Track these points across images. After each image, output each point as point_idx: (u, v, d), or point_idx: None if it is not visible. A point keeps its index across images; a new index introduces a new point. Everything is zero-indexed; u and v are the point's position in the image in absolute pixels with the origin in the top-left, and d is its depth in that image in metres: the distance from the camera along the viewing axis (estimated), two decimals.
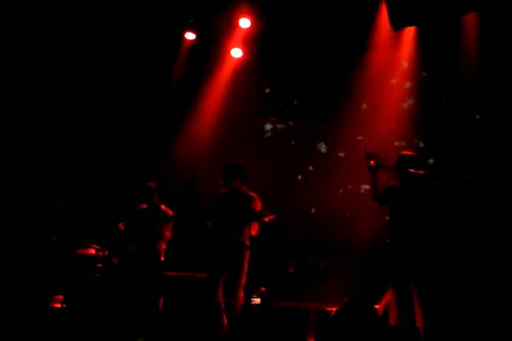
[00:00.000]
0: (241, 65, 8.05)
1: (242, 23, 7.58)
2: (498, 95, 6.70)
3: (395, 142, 7.29)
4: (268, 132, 8.39)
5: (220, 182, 5.23)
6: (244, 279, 5.10)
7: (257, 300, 5.84)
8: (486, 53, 6.72)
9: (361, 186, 7.33)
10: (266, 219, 5.07)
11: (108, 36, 7.52)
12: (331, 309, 5.09)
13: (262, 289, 6.20)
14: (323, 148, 7.98)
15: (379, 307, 5.08)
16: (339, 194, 7.66)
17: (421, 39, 7.16)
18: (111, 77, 7.77)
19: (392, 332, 3.83)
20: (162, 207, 5.73)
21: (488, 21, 6.67)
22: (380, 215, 5.62)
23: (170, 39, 7.96)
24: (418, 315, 4.33)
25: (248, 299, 5.44)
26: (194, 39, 7.96)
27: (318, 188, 7.74)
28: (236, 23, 7.62)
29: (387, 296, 4.85)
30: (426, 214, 4.59)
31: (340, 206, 7.54)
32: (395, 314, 4.41)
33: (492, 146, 6.67)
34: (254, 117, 8.26)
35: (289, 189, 7.86)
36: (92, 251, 6.02)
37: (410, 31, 7.27)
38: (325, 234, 7.31)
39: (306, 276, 6.55)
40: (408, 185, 4.67)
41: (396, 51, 7.36)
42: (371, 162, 4.74)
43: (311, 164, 7.96)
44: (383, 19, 7.22)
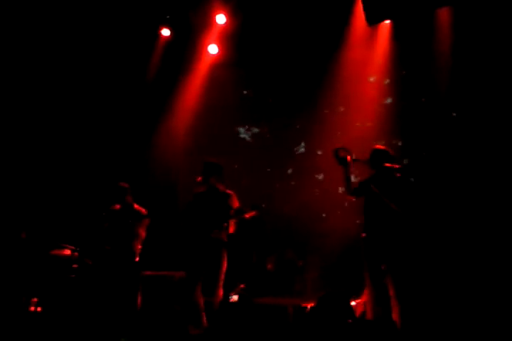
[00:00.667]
0: (217, 61, 8.00)
1: (219, 19, 7.54)
2: (472, 90, 6.77)
3: (373, 141, 7.31)
4: (245, 129, 8.35)
5: (198, 178, 5.20)
6: (222, 277, 5.09)
7: (235, 297, 5.83)
8: (460, 47, 6.78)
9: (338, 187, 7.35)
10: (247, 215, 5.07)
11: (82, 32, 7.40)
12: (307, 305, 5.10)
13: (241, 286, 6.19)
14: (301, 148, 7.97)
15: (360, 301, 5.10)
16: (316, 191, 7.66)
17: (396, 34, 7.20)
18: (84, 75, 7.65)
19: (368, 326, 3.85)
20: (135, 207, 5.69)
21: (460, 15, 6.73)
22: (356, 211, 5.65)
23: (145, 35, 7.87)
24: (394, 308, 4.36)
25: (226, 297, 5.41)
26: (170, 35, 7.89)
27: (295, 186, 7.75)
28: (212, 19, 7.57)
29: (367, 290, 4.87)
30: (401, 207, 4.61)
31: (316, 203, 7.56)
32: (372, 307, 4.43)
33: (467, 142, 6.74)
34: (231, 114, 8.22)
35: (267, 187, 7.85)
36: (68, 252, 5.92)
37: (385, 26, 7.30)
38: (302, 231, 7.33)
39: (285, 273, 6.55)
40: (383, 179, 4.70)
41: (371, 47, 7.38)
42: (341, 155, 4.76)
43: (288, 162, 7.95)
44: (359, 14, 7.23)
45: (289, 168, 7.89)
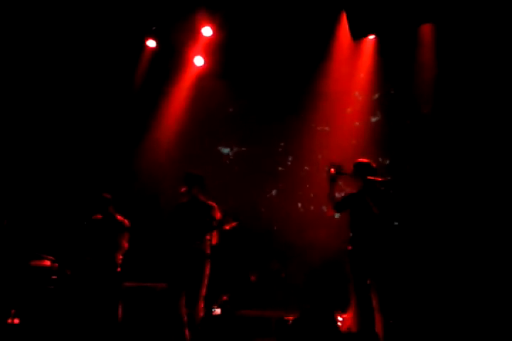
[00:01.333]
0: (203, 73, 8.03)
1: (205, 32, 7.59)
2: (456, 104, 6.89)
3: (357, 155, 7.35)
4: (232, 137, 8.35)
5: (182, 189, 5.19)
6: (204, 289, 5.04)
7: (218, 310, 5.76)
8: (442, 62, 6.92)
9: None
10: (227, 226, 5.05)
11: (68, 43, 7.38)
12: (290, 317, 5.06)
13: (224, 298, 6.13)
14: (288, 162, 7.99)
15: (347, 316, 5.08)
16: (300, 204, 7.68)
17: (380, 49, 7.32)
18: (70, 85, 7.61)
19: (352, 338, 3.84)
20: (118, 217, 5.63)
21: (442, 31, 6.88)
22: (341, 224, 5.66)
23: (131, 46, 7.88)
24: (378, 321, 4.35)
25: (209, 310, 5.36)
26: (156, 46, 7.91)
27: (280, 199, 7.75)
28: (198, 32, 7.61)
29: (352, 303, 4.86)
30: (386, 220, 4.64)
31: (300, 215, 7.58)
32: (356, 320, 4.42)
33: (451, 155, 6.84)
34: (215, 125, 8.23)
35: (252, 199, 7.83)
36: (47, 263, 5.81)
37: (369, 41, 7.42)
38: (286, 243, 7.32)
39: (269, 284, 6.51)
40: (367, 192, 4.72)
41: (356, 61, 7.49)
42: (331, 170, 4.79)
43: (273, 174, 7.95)
44: (343, 29, 7.34)
45: (274, 181, 7.88)
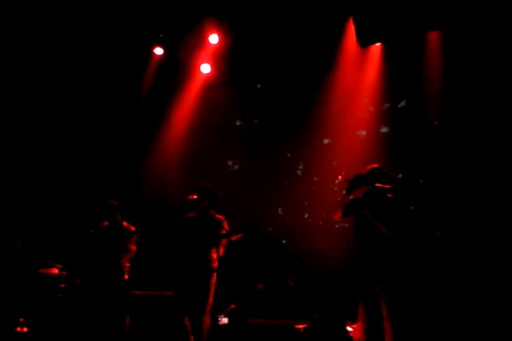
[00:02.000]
0: (210, 81, 8.05)
1: (211, 39, 7.62)
2: (463, 112, 6.86)
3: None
4: (238, 147, 8.33)
5: (191, 197, 5.21)
6: (211, 300, 5.06)
7: (225, 320, 5.76)
8: (450, 70, 6.91)
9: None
10: (233, 238, 5.07)
11: (75, 50, 7.43)
12: (300, 326, 5.04)
13: (232, 307, 6.12)
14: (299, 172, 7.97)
15: (357, 326, 5.05)
16: (308, 212, 7.65)
17: (387, 56, 7.31)
18: (77, 92, 7.65)
19: None
20: (124, 224, 5.64)
21: (450, 39, 6.87)
22: (349, 231, 5.64)
23: (138, 54, 7.92)
24: (386, 330, 4.33)
25: (215, 319, 5.36)
26: (163, 54, 7.94)
27: (287, 206, 7.73)
28: (205, 39, 7.64)
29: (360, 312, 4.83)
30: (391, 229, 4.61)
31: (309, 223, 7.57)
32: (364, 329, 4.39)
33: (457, 162, 6.81)
34: (224, 133, 8.24)
35: (259, 206, 7.81)
36: (55, 271, 5.83)
37: (376, 49, 7.41)
38: (294, 250, 7.30)
39: (276, 293, 6.49)
40: (374, 199, 4.71)
41: (363, 69, 7.48)
42: (339, 178, 4.77)
43: (280, 177, 7.94)
44: (351, 36, 7.35)
45: (281, 191, 7.86)
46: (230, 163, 8.19)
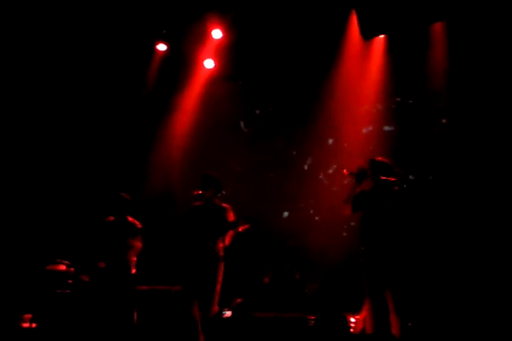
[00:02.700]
0: (214, 76, 8.04)
1: (215, 34, 7.60)
2: (469, 104, 6.81)
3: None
4: (242, 142, 8.33)
5: (196, 192, 5.21)
6: (218, 291, 5.07)
7: (228, 313, 5.77)
8: (455, 61, 6.85)
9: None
10: (240, 229, 5.07)
11: (78, 47, 7.44)
12: (309, 318, 5.05)
13: (238, 300, 6.13)
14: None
15: (360, 317, 5.05)
16: (314, 204, 7.64)
17: (390, 48, 7.26)
18: (81, 88, 7.66)
19: (368, 340, 3.81)
20: (129, 219, 5.64)
21: (454, 30, 6.81)
22: (354, 224, 5.64)
23: (142, 50, 7.91)
24: (394, 322, 4.32)
25: (219, 312, 5.38)
26: (166, 50, 7.93)
27: (294, 198, 7.72)
28: (208, 34, 7.63)
29: (366, 306, 4.83)
30: (398, 219, 4.60)
31: (316, 216, 7.57)
32: (371, 321, 4.39)
33: (462, 154, 6.76)
34: (227, 127, 8.23)
35: (265, 199, 7.81)
36: (63, 267, 5.86)
37: (380, 41, 7.36)
38: (300, 243, 7.30)
39: (282, 286, 6.50)
40: (380, 191, 4.69)
41: (366, 61, 7.43)
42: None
43: (285, 172, 7.92)
44: (354, 28, 7.30)
45: (289, 182, 7.84)
46: (234, 160, 8.18)
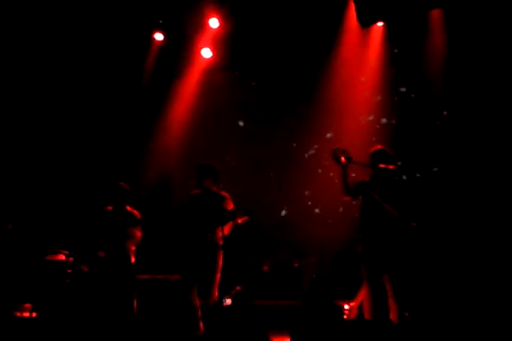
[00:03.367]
0: (211, 65, 8.00)
1: (212, 23, 7.56)
2: (467, 91, 6.79)
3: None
4: (239, 131, 8.32)
5: (193, 182, 5.21)
6: (218, 279, 5.09)
7: (228, 301, 5.80)
8: (453, 48, 6.82)
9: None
10: (239, 221, 5.08)
11: (75, 37, 7.39)
12: (305, 306, 5.07)
13: (238, 288, 6.16)
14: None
15: (354, 304, 5.09)
16: (311, 193, 7.64)
17: (389, 35, 7.22)
18: (78, 79, 7.63)
19: (366, 325, 3.83)
20: (128, 209, 5.64)
21: (452, 16, 6.77)
22: (352, 212, 5.65)
23: (139, 40, 7.87)
24: (392, 308, 4.35)
25: (220, 300, 5.40)
26: (163, 40, 7.89)
27: (290, 187, 7.71)
28: (205, 24, 7.58)
29: (361, 293, 4.86)
30: (396, 208, 4.61)
31: (312, 204, 7.58)
32: (369, 307, 4.41)
33: (460, 143, 6.75)
34: (225, 117, 8.21)
35: (262, 188, 7.81)
36: (62, 257, 5.87)
37: (378, 28, 7.32)
38: (298, 232, 7.32)
39: (281, 274, 6.53)
40: (379, 180, 4.69)
41: (364, 49, 7.39)
42: (341, 158, 4.74)
43: (283, 164, 7.90)
44: (351, 16, 7.25)
45: (288, 172, 7.83)
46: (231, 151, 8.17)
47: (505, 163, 6.34)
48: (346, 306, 5.14)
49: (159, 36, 7.85)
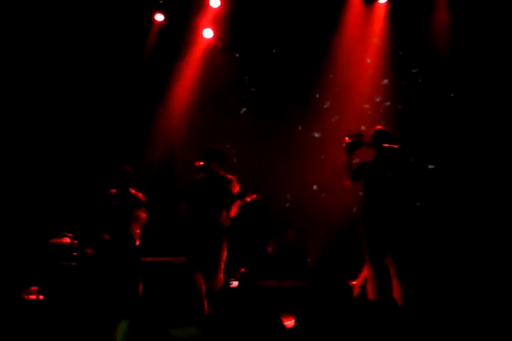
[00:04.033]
0: (213, 46, 7.91)
1: (213, 3, 7.45)
2: (472, 69, 6.69)
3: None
4: (243, 113, 8.25)
5: (197, 163, 5.22)
6: (223, 261, 5.12)
7: (235, 283, 5.83)
8: (458, 27, 6.69)
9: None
10: (248, 199, 5.12)
11: (74, 20, 7.31)
12: (310, 286, 5.11)
13: (242, 270, 6.19)
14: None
15: (356, 283, 5.12)
16: (315, 173, 7.60)
17: (392, 13, 7.08)
18: (79, 62, 7.57)
19: (369, 305, 3.84)
20: (132, 191, 5.63)
21: None
22: (355, 192, 5.64)
23: (139, 21, 7.76)
24: (395, 288, 4.37)
25: (226, 282, 5.45)
26: (164, 20, 7.79)
27: (295, 168, 7.68)
28: (206, 3, 7.47)
29: (363, 272, 4.88)
30: (401, 187, 4.60)
31: (316, 185, 7.55)
32: (372, 287, 4.43)
33: (465, 125, 6.68)
34: (228, 99, 8.14)
35: (267, 169, 7.79)
36: (67, 240, 5.91)
37: (382, 6, 7.17)
38: (302, 213, 7.32)
39: (285, 255, 6.56)
40: (383, 160, 4.67)
41: (368, 27, 7.27)
42: (346, 139, 4.72)
43: (287, 145, 7.85)
44: None
45: (290, 152, 7.79)
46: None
47: None
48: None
49: (160, 17, 7.75)
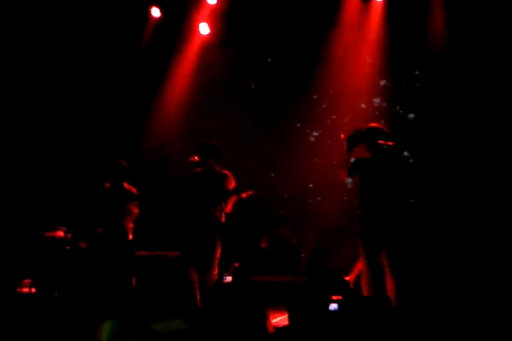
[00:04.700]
0: (209, 42, 7.89)
1: None
2: (467, 68, 6.71)
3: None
4: (239, 108, 8.25)
5: (192, 158, 5.23)
6: (217, 256, 5.14)
7: (229, 278, 5.84)
8: (454, 25, 6.71)
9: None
10: (244, 195, 5.14)
11: (70, 14, 7.26)
12: (303, 282, 5.12)
13: (236, 265, 6.20)
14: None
15: (350, 278, 5.14)
16: (311, 170, 7.62)
17: (389, 10, 7.09)
18: (74, 57, 7.53)
19: (363, 302, 3.86)
20: (125, 186, 5.62)
21: None
22: (351, 189, 5.66)
23: (136, 16, 7.73)
24: (389, 285, 4.38)
25: (220, 277, 5.46)
26: (160, 15, 7.75)
27: (291, 164, 7.70)
28: None
29: (357, 267, 4.90)
30: (396, 184, 4.61)
31: (311, 181, 7.57)
32: (366, 284, 4.45)
33: (462, 121, 6.70)
34: (223, 95, 8.13)
35: (262, 165, 7.80)
36: (61, 233, 5.90)
37: (378, 3, 7.18)
38: (297, 209, 7.33)
39: (279, 251, 6.58)
40: (378, 156, 4.67)
41: (365, 24, 7.28)
42: (341, 136, 4.74)
43: (284, 143, 7.86)
44: None
45: (285, 149, 7.80)
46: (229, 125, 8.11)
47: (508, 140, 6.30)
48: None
49: (156, 12, 7.71)
